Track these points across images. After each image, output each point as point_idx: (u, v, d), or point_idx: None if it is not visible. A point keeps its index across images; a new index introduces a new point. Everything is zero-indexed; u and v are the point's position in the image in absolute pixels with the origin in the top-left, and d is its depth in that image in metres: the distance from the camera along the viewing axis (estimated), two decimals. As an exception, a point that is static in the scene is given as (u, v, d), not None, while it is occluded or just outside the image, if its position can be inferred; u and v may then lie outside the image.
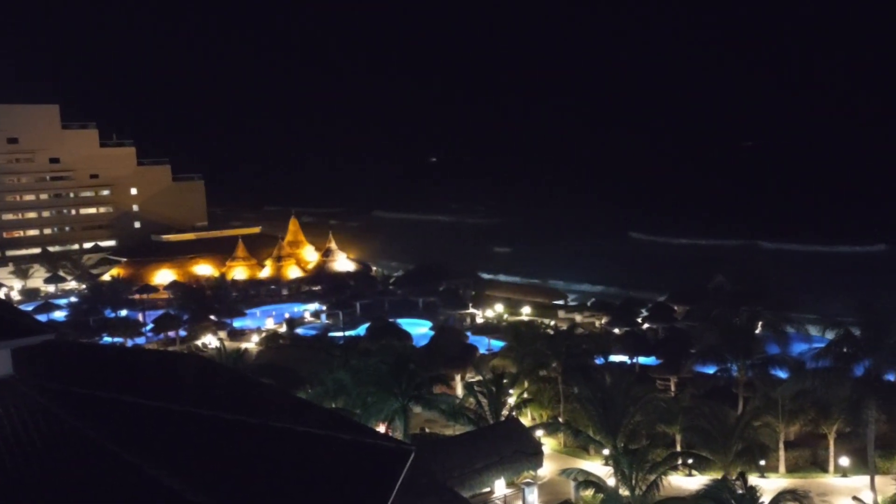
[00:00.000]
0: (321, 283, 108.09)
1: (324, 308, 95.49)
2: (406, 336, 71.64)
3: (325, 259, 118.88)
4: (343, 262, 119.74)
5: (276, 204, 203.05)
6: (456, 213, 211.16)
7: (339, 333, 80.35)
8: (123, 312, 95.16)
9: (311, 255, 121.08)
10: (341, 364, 50.68)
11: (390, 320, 78.64)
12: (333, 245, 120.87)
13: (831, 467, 45.86)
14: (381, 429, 43.97)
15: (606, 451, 43.25)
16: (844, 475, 45.03)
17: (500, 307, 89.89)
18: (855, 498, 39.05)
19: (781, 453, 46.25)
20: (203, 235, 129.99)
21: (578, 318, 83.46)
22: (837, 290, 78.40)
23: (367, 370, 47.27)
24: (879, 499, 39.44)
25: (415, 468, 17.70)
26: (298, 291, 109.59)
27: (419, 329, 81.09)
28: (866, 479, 41.32)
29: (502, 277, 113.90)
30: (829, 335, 47.39)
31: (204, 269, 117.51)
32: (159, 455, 15.26)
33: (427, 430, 52.76)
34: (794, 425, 47.35)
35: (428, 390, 47.82)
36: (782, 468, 46.13)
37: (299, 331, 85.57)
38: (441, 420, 51.48)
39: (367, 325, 78.76)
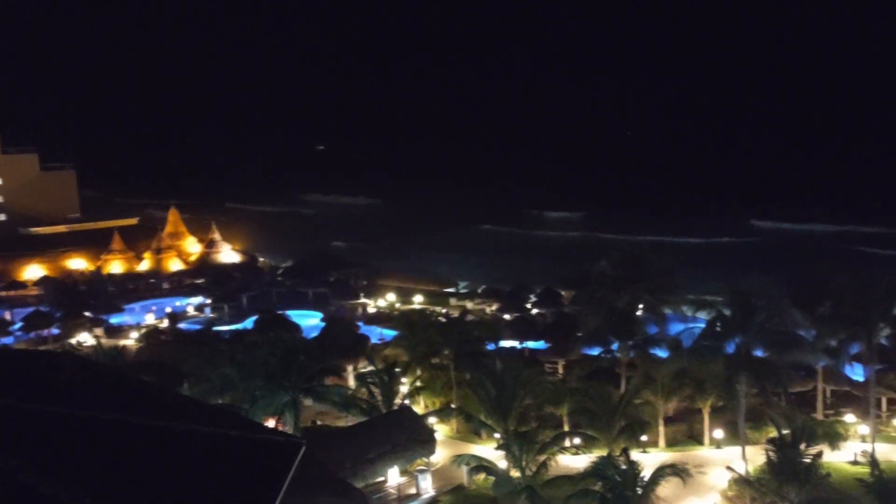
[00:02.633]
0: (205, 275, 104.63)
1: (208, 301, 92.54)
2: (295, 328, 70.48)
3: (208, 251, 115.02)
4: (228, 254, 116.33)
5: (128, 196, 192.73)
6: (315, 206, 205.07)
7: (225, 327, 78.22)
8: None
9: (193, 246, 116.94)
10: (227, 358, 49.26)
11: (279, 312, 77.09)
12: (217, 236, 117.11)
13: (706, 440, 48.58)
14: (271, 423, 43.16)
15: (498, 435, 44.08)
16: (718, 447, 47.79)
17: (392, 296, 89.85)
18: (728, 468, 41.57)
19: (661, 428, 48.60)
20: (76, 228, 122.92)
21: (469, 305, 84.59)
22: (704, 276, 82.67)
23: (254, 364, 46.16)
24: (750, 468, 42.04)
25: (306, 462, 17.41)
26: (180, 285, 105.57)
27: (309, 320, 79.92)
28: (738, 449, 44.01)
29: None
30: (702, 315, 50.15)
31: (77, 263, 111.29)
32: (34, 459, 14.34)
33: (319, 423, 52.18)
34: (672, 402, 49.81)
35: (319, 382, 47.37)
36: (662, 443, 48.48)
37: (182, 325, 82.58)
38: (333, 412, 51.05)
39: (254, 317, 76.96)
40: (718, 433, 48.06)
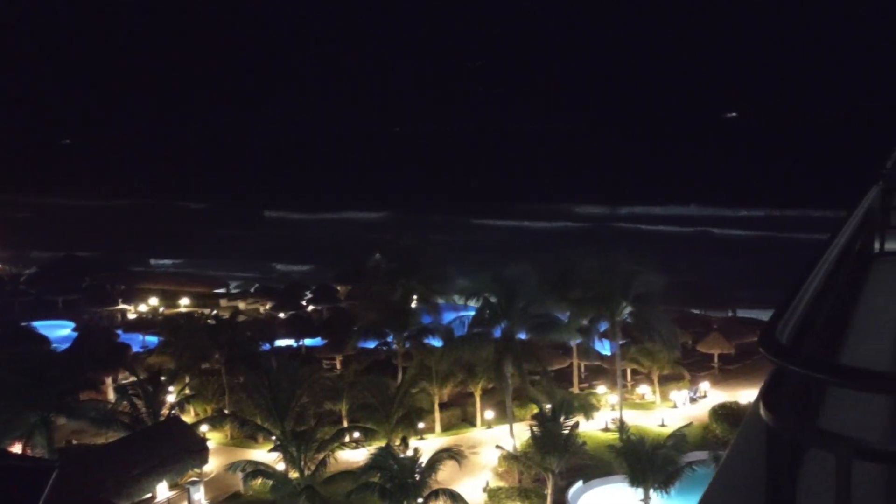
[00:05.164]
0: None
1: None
2: (43, 340, 64.30)
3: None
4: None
5: None
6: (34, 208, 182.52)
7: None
8: None
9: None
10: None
11: (22, 324, 69.98)
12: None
13: (479, 421, 51.04)
14: (18, 448, 39.03)
15: (275, 437, 43.09)
16: (490, 427, 50.39)
17: (154, 300, 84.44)
18: (497, 446, 44.02)
19: (437, 414, 50.30)
20: None
21: (242, 305, 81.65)
22: (463, 269, 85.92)
23: (-6, 384, 41.36)
24: (518, 444, 44.82)
25: (61, 485, 15.80)
26: None
27: (60, 331, 73.24)
28: (507, 427, 46.75)
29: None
30: (472, 304, 52.58)
31: None
32: None
33: (75, 442, 47.90)
34: (446, 388, 51.74)
35: (73, 398, 43.88)
36: (438, 428, 50.17)
37: None
38: (92, 429, 47.09)
39: (-8, 332, 68.83)
40: (489, 414, 50.66)
